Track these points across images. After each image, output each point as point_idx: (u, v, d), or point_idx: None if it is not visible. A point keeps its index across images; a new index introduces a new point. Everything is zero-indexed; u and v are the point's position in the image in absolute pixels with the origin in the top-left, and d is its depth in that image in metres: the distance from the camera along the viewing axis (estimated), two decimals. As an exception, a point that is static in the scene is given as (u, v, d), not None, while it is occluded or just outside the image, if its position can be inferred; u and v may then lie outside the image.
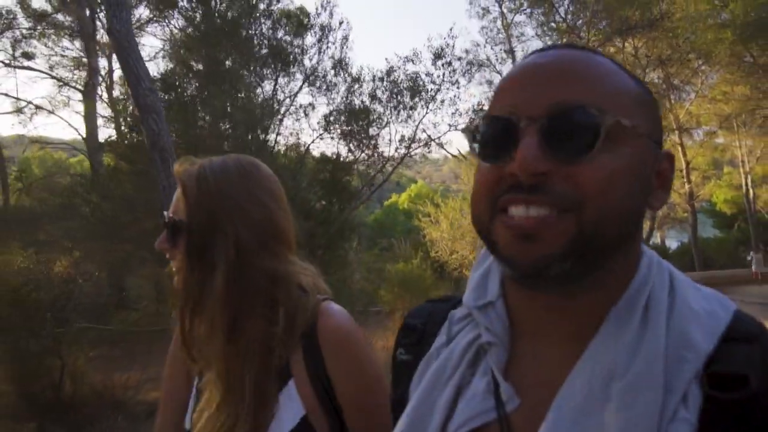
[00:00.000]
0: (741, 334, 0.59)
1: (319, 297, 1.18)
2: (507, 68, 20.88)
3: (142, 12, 17.94)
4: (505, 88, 0.64)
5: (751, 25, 20.50)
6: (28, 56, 18.23)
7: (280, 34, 11.26)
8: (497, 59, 21.14)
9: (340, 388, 1.10)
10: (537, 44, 21.84)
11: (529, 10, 20.51)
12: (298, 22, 10.85)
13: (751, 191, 26.47)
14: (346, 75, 10.32)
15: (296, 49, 11.00)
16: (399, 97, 12.37)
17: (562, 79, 0.60)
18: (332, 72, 10.24)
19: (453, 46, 13.69)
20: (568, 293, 0.62)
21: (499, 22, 21.05)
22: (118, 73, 18.11)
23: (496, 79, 20.41)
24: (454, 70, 13.63)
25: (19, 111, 18.94)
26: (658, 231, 29.56)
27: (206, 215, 1.14)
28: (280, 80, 10.33)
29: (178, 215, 1.17)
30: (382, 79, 11.90)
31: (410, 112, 12.92)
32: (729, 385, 0.55)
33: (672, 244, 34.57)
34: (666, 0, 20.19)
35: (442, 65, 13.49)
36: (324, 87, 10.24)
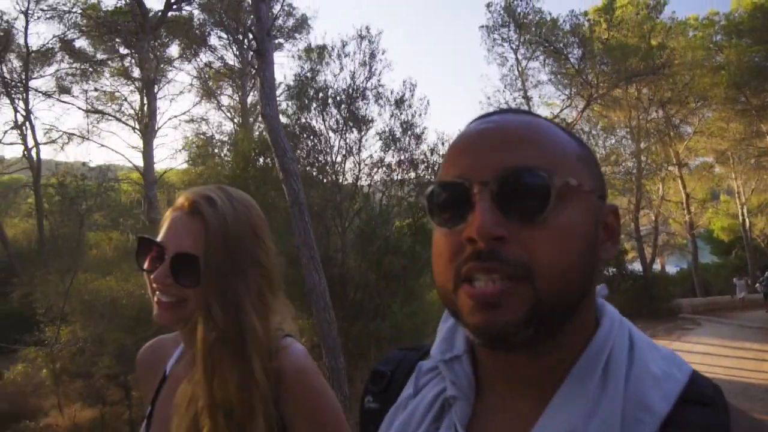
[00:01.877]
0: (697, 396, 0.59)
1: (279, 334, 1.18)
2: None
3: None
4: (455, 154, 0.65)
5: (744, 70, 22.37)
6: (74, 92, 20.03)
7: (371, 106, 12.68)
8: (516, 104, 22.96)
9: (293, 426, 1.10)
10: (550, 90, 23.84)
11: (542, 58, 22.37)
12: (393, 102, 12.30)
13: (747, 220, 27.97)
14: (411, 134, 11.89)
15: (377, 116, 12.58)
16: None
17: (508, 143, 0.61)
18: (400, 131, 11.80)
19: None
20: (533, 354, 0.62)
21: (515, 69, 22.95)
22: (171, 112, 19.67)
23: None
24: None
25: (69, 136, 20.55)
26: (658, 257, 30.89)
27: (228, 254, 1.13)
28: (354, 135, 11.90)
29: (184, 249, 1.13)
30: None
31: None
32: None
33: (670, 269, 35.34)
34: (666, 49, 21.99)
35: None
36: (395, 145, 11.76)
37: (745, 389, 8.82)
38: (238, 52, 26.68)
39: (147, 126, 17.62)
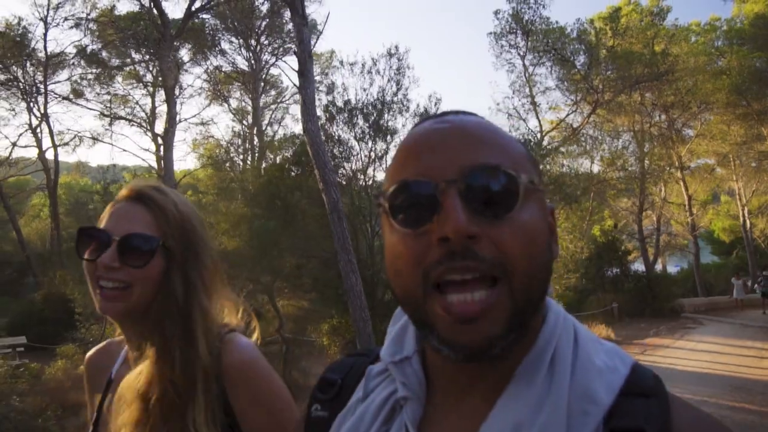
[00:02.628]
0: (639, 388, 0.60)
1: (223, 330, 1.19)
2: (531, 117, 23.20)
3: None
4: (411, 153, 0.63)
5: (745, 75, 22.94)
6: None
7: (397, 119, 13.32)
8: (524, 110, 23.61)
9: (246, 421, 1.11)
10: (557, 95, 24.51)
11: (548, 64, 22.99)
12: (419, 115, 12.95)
13: (747, 221, 28.53)
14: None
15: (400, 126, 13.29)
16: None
17: (468, 141, 0.61)
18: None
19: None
20: (496, 359, 0.61)
21: (523, 76, 23.61)
22: (182, 115, 20.42)
23: (522, 128, 22.92)
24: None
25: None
26: (660, 257, 31.43)
27: (185, 235, 1.18)
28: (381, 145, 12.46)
29: (132, 230, 1.14)
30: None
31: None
32: None
33: (671, 269, 35.86)
34: (669, 56, 22.56)
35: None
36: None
37: (745, 384, 9.38)
38: (249, 56, 27.39)
39: (167, 132, 18.15)
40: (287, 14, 25.10)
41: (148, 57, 23.40)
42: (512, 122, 23.38)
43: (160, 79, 25.52)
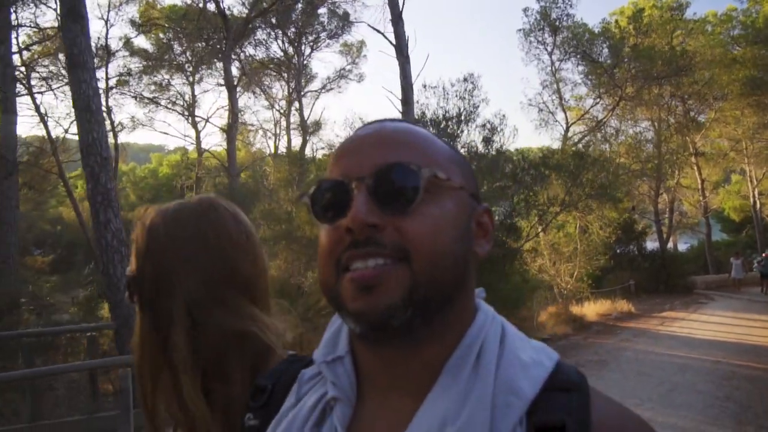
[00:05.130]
0: (562, 383, 0.63)
1: (280, 353, 1.06)
2: (558, 111, 24.97)
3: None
4: (337, 157, 0.69)
5: (759, 68, 24.44)
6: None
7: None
8: (553, 104, 25.31)
9: None
10: (582, 90, 26.25)
11: (574, 60, 24.59)
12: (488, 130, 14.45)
13: (758, 201, 30.06)
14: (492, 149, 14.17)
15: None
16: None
17: (383, 144, 0.66)
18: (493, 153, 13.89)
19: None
20: (410, 347, 0.64)
21: (550, 71, 25.27)
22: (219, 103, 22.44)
23: (551, 120, 24.70)
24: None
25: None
26: (672, 236, 33.08)
27: (153, 267, 1.04)
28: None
29: (128, 272, 1.08)
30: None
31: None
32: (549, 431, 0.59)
33: (681, 247, 37.24)
34: (688, 50, 24.05)
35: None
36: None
37: (753, 349, 11.28)
38: (289, 48, 28.96)
39: (230, 127, 20.08)
40: (323, 10, 26.89)
41: (196, 54, 25.12)
42: (542, 116, 25.15)
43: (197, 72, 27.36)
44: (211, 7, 20.73)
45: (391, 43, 10.11)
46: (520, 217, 13.56)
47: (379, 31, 9.86)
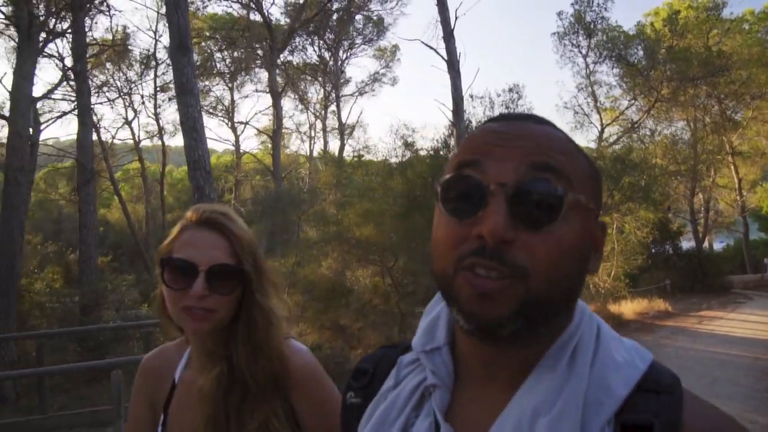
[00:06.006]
0: (654, 384, 0.63)
1: (284, 336, 1.30)
2: (593, 113, 25.29)
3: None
4: (475, 148, 0.67)
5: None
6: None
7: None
8: (589, 106, 25.63)
9: (305, 421, 1.25)
10: (617, 92, 26.56)
11: (609, 62, 24.83)
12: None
13: (797, 200, 29.65)
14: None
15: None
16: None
17: (531, 148, 0.64)
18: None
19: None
20: (513, 348, 0.66)
21: (585, 73, 25.58)
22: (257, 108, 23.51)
23: (585, 122, 24.96)
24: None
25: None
26: (707, 235, 32.78)
27: (254, 260, 1.26)
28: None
29: (218, 260, 1.21)
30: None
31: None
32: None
33: (717, 246, 36.88)
34: (725, 51, 24.01)
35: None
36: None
37: (791, 347, 11.65)
38: (325, 54, 29.87)
39: (275, 133, 21.02)
40: (359, 17, 27.71)
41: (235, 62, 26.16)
42: (578, 118, 25.47)
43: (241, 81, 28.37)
44: (254, 16, 21.68)
45: (443, 58, 10.90)
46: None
47: (431, 48, 10.73)
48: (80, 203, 12.54)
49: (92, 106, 20.66)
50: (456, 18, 11.19)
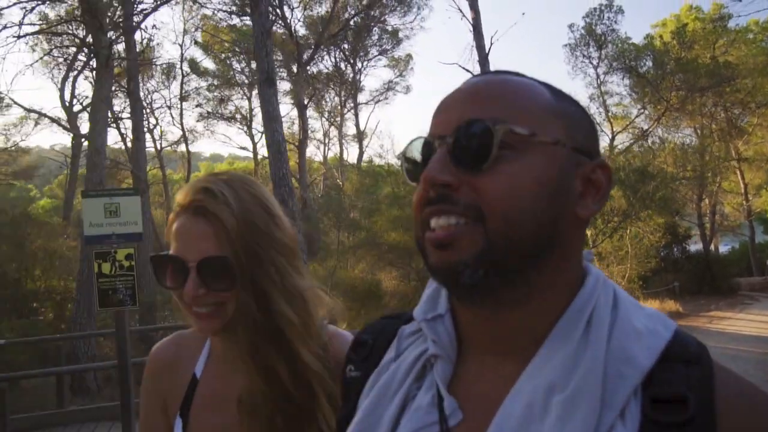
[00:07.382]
0: (680, 354, 0.59)
1: (324, 323, 1.16)
2: (605, 123, 26.29)
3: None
4: (433, 114, 0.68)
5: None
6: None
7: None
8: (600, 118, 26.47)
9: None
10: (627, 102, 27.58)
11: (620, 74, 25.78)
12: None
13: (802, 203, 30.32)
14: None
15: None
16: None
17: (471, 100, 0.65)
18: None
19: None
20: (499, 308, 0.63)
21: (596, 84, 26.60)
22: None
23: (597, 131, 26.02)
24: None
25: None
26: (713, 238, 33.40)
27: (246, 245, 1.05)
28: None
29: (208, 253, 1.04)
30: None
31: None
32: (668, 406, 0.56)
33: (723, 249, 36.73)
34: (731, 62, 24.90)
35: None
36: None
37: (798, 344, 12.44)
38: (341, 63, 30.84)
39: (301, 143, 22.06)
40: (376, 29, 28.69)
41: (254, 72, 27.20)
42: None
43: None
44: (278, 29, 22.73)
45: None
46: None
47: (468, 71, 11.55)
48: (137, 212, 13.52)
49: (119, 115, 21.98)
50: (491, 44, 12.18)
